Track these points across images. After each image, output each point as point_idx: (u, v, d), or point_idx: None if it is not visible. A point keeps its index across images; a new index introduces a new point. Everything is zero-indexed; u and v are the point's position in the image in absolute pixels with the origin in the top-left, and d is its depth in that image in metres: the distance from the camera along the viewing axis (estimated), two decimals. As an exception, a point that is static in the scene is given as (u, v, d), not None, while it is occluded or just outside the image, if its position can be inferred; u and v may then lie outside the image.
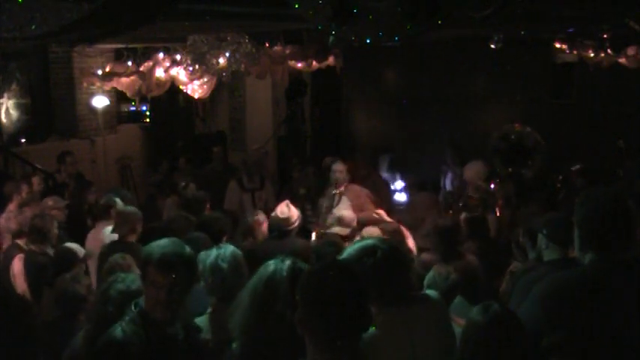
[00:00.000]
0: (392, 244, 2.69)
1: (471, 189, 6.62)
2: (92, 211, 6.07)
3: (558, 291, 2.27)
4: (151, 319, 2.47)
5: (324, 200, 6.04)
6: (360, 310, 1.87)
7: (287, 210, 4.87)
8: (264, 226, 5.17)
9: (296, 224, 4.91)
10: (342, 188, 6.02)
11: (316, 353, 1.87)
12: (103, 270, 3.68)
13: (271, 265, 2.31)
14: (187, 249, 2.56)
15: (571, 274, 2.36)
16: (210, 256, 3.13)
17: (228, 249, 3.18)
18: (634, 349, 2.17)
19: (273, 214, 4.94)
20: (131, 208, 4.98)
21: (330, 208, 5.88)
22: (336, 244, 4.28)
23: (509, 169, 7.50)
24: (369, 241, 2.64)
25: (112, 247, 4.45)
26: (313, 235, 5.68)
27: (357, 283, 1.90)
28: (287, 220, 4.83)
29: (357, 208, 5.79)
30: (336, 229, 5.35)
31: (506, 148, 7.75)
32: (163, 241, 2.56)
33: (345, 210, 5.68)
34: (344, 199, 5.97)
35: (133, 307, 2.51)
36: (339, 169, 6.15)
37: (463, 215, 5.74)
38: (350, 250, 2.66)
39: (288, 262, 2.30)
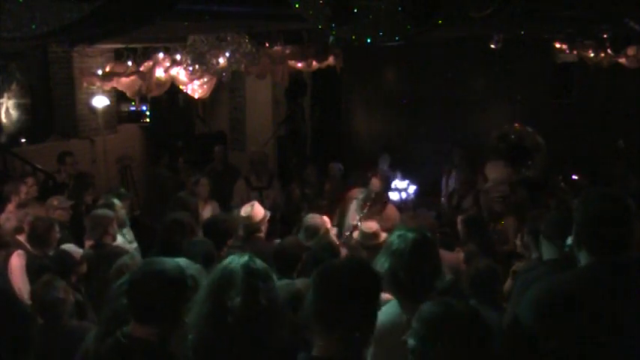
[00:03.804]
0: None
1: (494, 189, 6.54)
2: (90, 211, 6.07)
3: (552, 297, 2.22)
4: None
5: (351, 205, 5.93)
6: (376, 303, 2.04)
7: (250, 209, 4.92)
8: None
9: (262, 224, 4.93)
10: (380, 207, 5.90)
11: (329, 344, 1.97)
12: (110, 272, 3.66)
13: (228, 259, 2.41)
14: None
15: (566, 277, 2.30)
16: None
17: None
18: (631, 354, 2.15)
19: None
20: (101, 211, 5.02)
21: (357, 215, 5.76)
22: (332, 249, 4.27)
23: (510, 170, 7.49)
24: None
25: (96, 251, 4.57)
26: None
27: (376, 278, 2.06)
28: (249, 219, 4.87)
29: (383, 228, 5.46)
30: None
31: (506, 148, 7.76)
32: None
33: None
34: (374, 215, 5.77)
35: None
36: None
37: (460, 217, 5.70)
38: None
39: (245, 257, 2.40)
